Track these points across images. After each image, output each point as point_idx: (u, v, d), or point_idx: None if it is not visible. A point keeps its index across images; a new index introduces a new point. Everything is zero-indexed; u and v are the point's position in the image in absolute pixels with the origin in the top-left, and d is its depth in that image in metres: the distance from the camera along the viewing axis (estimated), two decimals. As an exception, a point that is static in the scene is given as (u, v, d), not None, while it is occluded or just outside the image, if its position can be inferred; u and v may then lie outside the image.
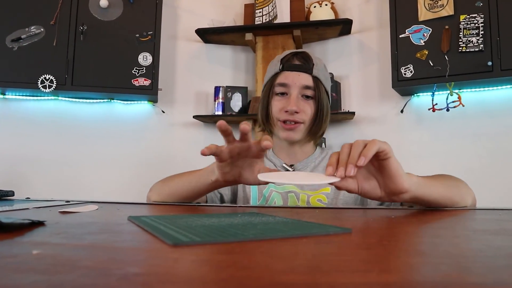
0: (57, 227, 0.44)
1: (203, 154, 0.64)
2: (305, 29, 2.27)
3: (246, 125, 0.62)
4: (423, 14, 2.04)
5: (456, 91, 2.02)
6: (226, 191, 1.00)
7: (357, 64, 2.40)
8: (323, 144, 2.20)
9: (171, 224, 0.45)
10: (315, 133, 1.00)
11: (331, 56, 2.44)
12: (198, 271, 0.24)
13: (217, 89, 2.38)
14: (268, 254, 0.30)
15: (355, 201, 0.97)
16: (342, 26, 2.29)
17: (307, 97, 0.98)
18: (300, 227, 0.43)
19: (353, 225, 0.48)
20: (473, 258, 0.28)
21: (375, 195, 0.65)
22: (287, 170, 1.00)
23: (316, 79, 0.97)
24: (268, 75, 1.04)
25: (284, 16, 2.33)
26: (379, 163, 0.62)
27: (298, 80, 0.96)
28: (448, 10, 1.99)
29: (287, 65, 0.99)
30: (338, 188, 0.62)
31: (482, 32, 1.91)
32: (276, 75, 1.00)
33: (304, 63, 0.98)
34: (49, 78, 2.16)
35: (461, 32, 1.95)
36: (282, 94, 0.98)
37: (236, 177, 0.73)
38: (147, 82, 2.27)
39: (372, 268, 0.24)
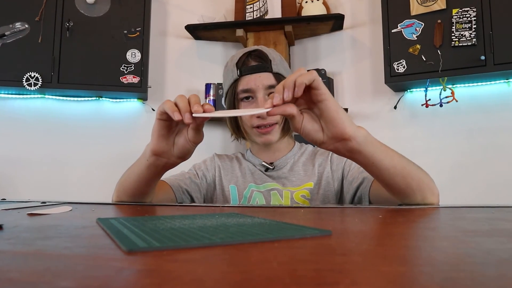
0: (12, 231, 0.40)
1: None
2: (296, 24, 2.24)
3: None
4: (415, 8, 2.01)
5: (450, 86, 2.00)
6: (197, 194, 0.96)
7: (350, 60, 2.37)
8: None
9: (138, 227, 0.41)
10: (288, 129, 0.97)
11: (323, 52, 2.41)
12: (137, 284, 0.20)
13: (208, 86, 2.35)
14: (229, 262, 0.26)
15: (336, 194, 0.94)
16: (334, 22, 2.26)
17: None
18: (276, 230, 0.40)
19: (335, 227, 0.44)
20: (459, 266, 0.24)
21: (317, 138, 0.62)
22: (268, 168, 0.98)
23: (277, 75, 0.93)
24: (226, 82, 0.98)
25: (275, 11, 2.30)
26: (318, 106, 0.59)
27: (260, 82, 0.91)
28: (440, 4, 1.96)
29: (244, 68, 0.93)
30: (274, 114, 0.59)
31: (475, 26, 1.88)
32: (236, 81, 0.94)
33: (262, 62, 0.93)
34: (34, 75, 2.11)
35: (453, 26, 1.92)
36: (248, 98, 0.94)
37: (168, 149, 0.68)
38: (136, 80, 2.22)
39: (341, 279, 0.21)
